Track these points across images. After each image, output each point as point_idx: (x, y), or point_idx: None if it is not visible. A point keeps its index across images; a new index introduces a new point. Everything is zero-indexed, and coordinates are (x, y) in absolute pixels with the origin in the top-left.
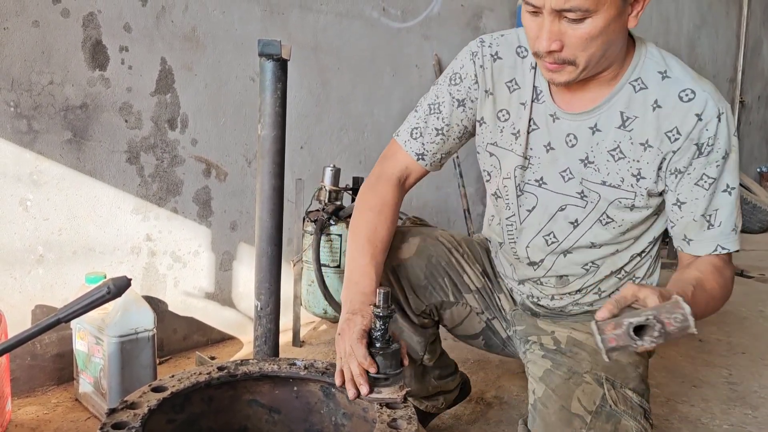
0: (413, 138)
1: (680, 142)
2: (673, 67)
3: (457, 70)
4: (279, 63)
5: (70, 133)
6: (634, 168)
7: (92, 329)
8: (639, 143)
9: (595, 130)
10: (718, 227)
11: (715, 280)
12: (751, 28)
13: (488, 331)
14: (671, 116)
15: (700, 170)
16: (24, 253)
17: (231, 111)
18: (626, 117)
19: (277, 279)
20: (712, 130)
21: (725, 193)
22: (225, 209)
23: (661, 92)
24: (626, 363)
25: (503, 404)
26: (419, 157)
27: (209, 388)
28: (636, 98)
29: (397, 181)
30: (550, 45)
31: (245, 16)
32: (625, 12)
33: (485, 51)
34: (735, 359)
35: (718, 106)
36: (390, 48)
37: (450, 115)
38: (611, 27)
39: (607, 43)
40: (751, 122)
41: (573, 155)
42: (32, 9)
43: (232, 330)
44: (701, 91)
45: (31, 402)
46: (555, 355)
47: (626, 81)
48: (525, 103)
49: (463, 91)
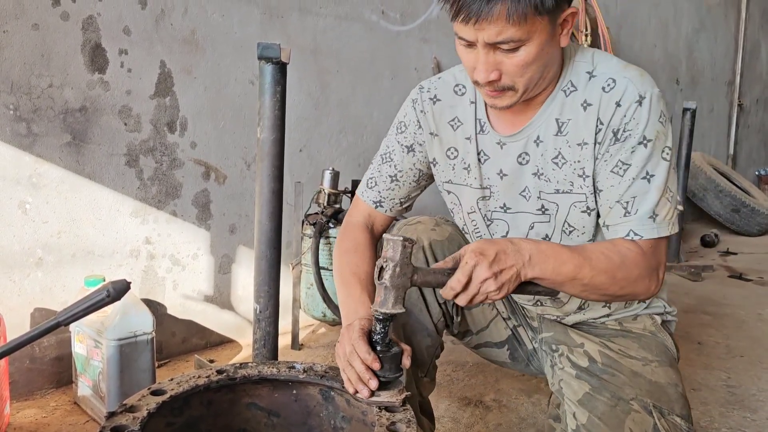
0: (369, 188)
1: (603, 132)
2: (599, 63)
3: (401, 119)
4: (278, 66)
5: (70, 136)
6: (578, 169)
7: (91, 332)
8: (576, 144)
9: (538, 142)
10: (635, 215)
11: (603, 251)
12: (749, 31)
13: (514, 340)
14: (597, 110)
15: (615, 157)
16: (23, 256)
17: (230, 114)
18: (561, 122)
19: (276, 282)
20: (630, 114)
21: (644, 180)
22: (224, 212)
23: (588, 90)
24: (665, 383)
25: (502, 407)
26: (377, 205)
27: (208, 391)
28: (567, 102)
29: (364, 227)
30: (489, 76)
31: (244, 19)
32: (555, 33)
33: (424, 96)
34: (733, 362)
35: (639, 90)
36: (389, 51)
37: (401, 162)
38: (545, 50)
39: (543, 65)
40: (749, 125)
41: (527, 172)
42: (32, 12)
43: (231, 333)
44: (622, 78)
45: (29, 405)
46: (591, 377)
47: (559, 89)
48: (470, 137)
49: (410, 137)
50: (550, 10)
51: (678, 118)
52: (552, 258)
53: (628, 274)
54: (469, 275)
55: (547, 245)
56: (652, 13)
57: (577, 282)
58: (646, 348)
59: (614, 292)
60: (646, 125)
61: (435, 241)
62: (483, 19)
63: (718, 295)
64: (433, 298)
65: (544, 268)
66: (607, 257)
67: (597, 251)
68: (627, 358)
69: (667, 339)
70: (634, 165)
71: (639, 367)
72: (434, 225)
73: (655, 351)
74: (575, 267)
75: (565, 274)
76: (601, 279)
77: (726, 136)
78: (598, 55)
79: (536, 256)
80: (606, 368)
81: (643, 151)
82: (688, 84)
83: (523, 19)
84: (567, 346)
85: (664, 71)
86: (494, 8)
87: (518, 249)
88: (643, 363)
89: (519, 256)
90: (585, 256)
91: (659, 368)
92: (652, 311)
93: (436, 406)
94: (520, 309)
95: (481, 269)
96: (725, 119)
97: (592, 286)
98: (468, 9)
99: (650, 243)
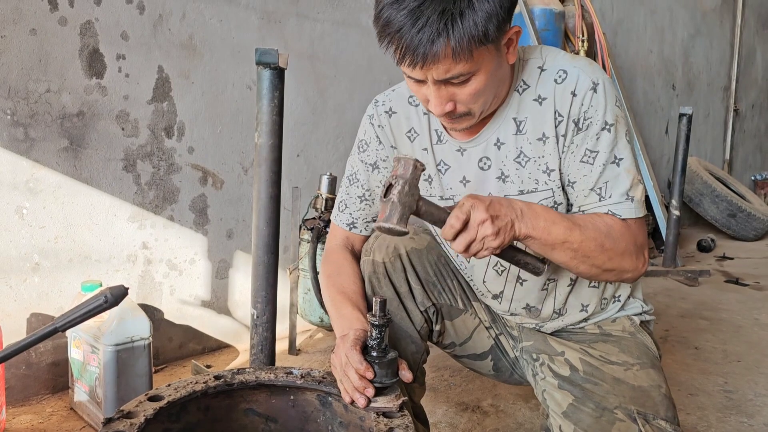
0: (341, 211)
1: (564, 124)
2: (548, 57)
3: (362, 137)
4: (276, 72)
5: (67, 141)
6: (543, 165)
7: (88, 338)
8: (536, 139)
9: (499, 144)
10: (609, 198)
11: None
12: (744, 37)
13: (497, 350)
14: (553, 102)
15: (582, 146)
16: (19, 261)
17: (228, 119)
18: (518, 121)
19: (273, 288)
20: (587, 102)
21: (613, 165)
22: (221, 217)
23: (541, 85)
24: (648, 386)
25: (500, 412)
26: (351, 227)
27: (206, 397)
28: (522, 99)
29: (343, 249)
30: (444, 109)
31: (242, 24)
32: (502, 54)
33: (379, 110)
34: (730, 367)
35: (591, 78)
36: (386, 56)
37: (367, 181)
38: (495, 74)
39: (495, 87)
40: (745, 130)
41: (490, 177)
42: (30, 17)
43: (228, 338)
44: (572, 68)
45: (25, 411)
46: (573, 387)
47: (513, 89)
48: (426, 148)
49: (372, 155)
50: (494, 38)
51: (674, 123)
52: (542, 217)
53: (615, 245)
54: (468, 214)
55: (538, 206)
56: (648, 19)
57: (567, 246)
58: (627, 351)
59: (602, 263)
60: (605, 110)
61: (413, 249)
62: (429, 61)
63: (714, 300)
64: (413, 305)
65: (535, 225)
66: (594, 225)
67: (584, 218)
68: (608, 364)
69: (646, 338)
70: (602, 151)
71: (621, 373)
72: (413, 234)
73: (636, 353)
74: (565, 229)
75: (556, 234)
76: (590, 246)
77: (722, 141)
78: (546, 50)
79: (527, 212)
80: (588, 377)
81: (607, 136)
82: (684, 89)
83: (469, 54)
84: (548, 355)
85: (660, 76)
86: (439, 49)
87: (510, 203)
88: (624, 368)
89: (511, 209)
90: (573, 221)
91: (641, 371)
92: (630, 312)
93: (433, 412)
94: (500, 318)
95: (479, 211)
96: (721, 124)
97: (581, 252)
98: (413, 54)
99: (631, 221)
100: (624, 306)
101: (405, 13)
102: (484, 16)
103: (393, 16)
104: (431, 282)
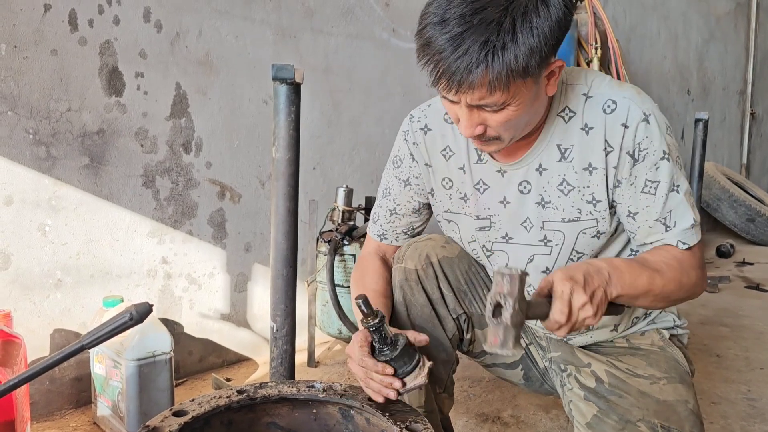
0: (374, 222)
1: (615, 155)
2: (593, 84)
3: (396, 153)
4: (292, 87)
5: (88, 159)
6: (588, 195)
7: (110, 353)
8: (583, 169)
9: (541, 170)
10: (675, 227)
11: (663, 260)
12: (759, 40)
13: (527, 360)
14: (601, 132)
15: (642, 177)
16: (42, 277)
17: (244, 134)
18: (563, 149)
19: (292, 301)
20: (641, 134)
21: (674, 193)
22: (239, 231)
23: (588, 113)
24: (674, 401)
25: (520, 423)
26: (381, 238)
27: (229, 411)
28: (568, 128)
29: (374, 255)
30: (474, 132)
31: (258, 40)
32: (540, 88)
33: (414, 127)
34: (753, 375)
35: (642, 108)
36: (400, 69)
37: (399, 195)
38: (530, 106)
39: (529, 117)
40: (762, 134)
41: (529, 201)
42: (51, 38)
43: (248, 351)
44: (621, 98)
45: (49, 426)
46: (598, 399)
47: (555, 114)
48: (463, 167)
49: (406, 171)
50: (534, 73)
51: (690, 128)
52: (627, 273)
53: (689, 279)
54: (569, 303)
55: (618, 261)
56: (662, 25)
57: (649, 294)
58: (655, 365)
59: (679, 297)
60: (660, 140)
61: (445, 257)
62: (464, 88)
63: (735, 307)
64: (446, 312)
65: (623, 284)
66: (668, 266)
67: (659, 261)
68: (634, 377)
69: (677, 353)
70: (662, 181)
71: (647, 387)
72: (444, 242)
73: (664, 367)
74: (648, 278)
75: (641, 287)
76: (670, 287)
77: (739, 145)
78: (590, 75)
79: (613, 273)
80: (613, 389)
81: (666, 165)
82: (700, 94)
83: (506, 86)
84: (575, 366)
85: (675, 82)
86: (476, 79)
87: (598, 269)
88: (650, 381)
89: (600, 276)
90: (652, 267)
91: (668, 386)
92: (660, 325)
93: (453, 423)
94: (528, 328)
95: (578, 295)
96: (737, 129)
97: (662, 295)
98: (449, 79)
99: (695, 246)
100: (654, 319)
101: (447, 38)
102: (526, 51)
103: (435, 37)
104: (462, 290)
